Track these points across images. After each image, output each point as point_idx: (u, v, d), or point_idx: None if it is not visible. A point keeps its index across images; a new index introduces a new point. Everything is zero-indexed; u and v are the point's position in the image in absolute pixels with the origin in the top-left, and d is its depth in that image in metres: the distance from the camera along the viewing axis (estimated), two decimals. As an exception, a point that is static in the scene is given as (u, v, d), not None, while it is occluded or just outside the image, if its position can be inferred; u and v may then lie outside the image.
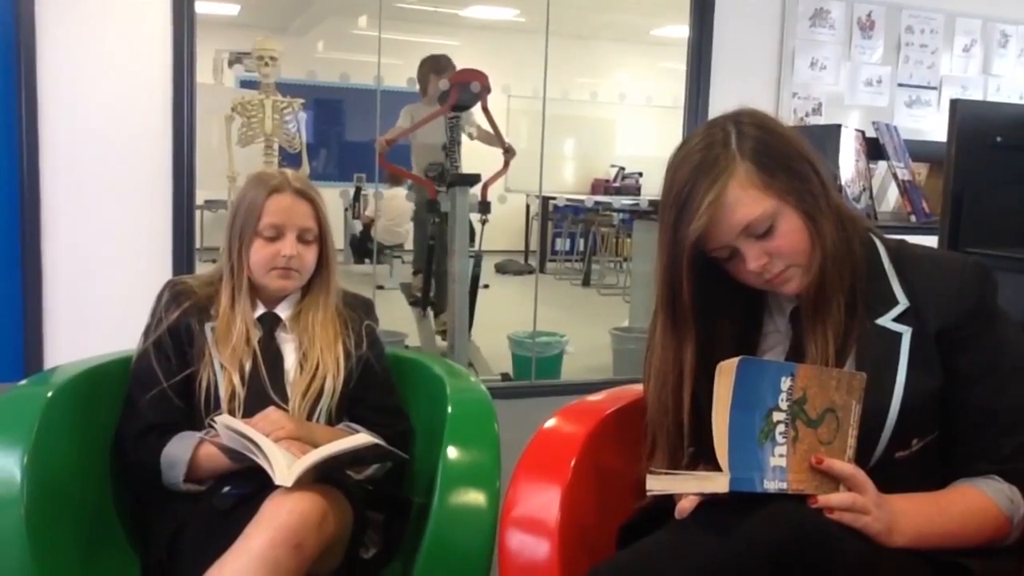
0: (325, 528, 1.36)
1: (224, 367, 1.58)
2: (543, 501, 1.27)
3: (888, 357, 1.15)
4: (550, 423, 1.40)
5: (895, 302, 1.18)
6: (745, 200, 1.12)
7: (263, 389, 1.59)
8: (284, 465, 1.36)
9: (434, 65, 3.85)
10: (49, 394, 1.48)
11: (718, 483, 1.03)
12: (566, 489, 1.26)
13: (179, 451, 1.52)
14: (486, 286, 4.03)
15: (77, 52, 2.61)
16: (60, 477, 1.44)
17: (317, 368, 1.63)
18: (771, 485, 1.04)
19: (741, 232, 1.14)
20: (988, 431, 1.15)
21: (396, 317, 4.08)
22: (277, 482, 1.34)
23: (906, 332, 1.16)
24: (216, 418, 1.46)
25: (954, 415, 1.17)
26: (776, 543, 0.98)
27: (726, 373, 1.05)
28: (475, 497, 1.44)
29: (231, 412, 1.54)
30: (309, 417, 1.61)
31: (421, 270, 4.12)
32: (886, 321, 1.17)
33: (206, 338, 1.61)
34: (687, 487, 1.08)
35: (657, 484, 1.09)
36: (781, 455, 1.06)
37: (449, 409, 1.58)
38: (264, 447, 1.38)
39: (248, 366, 1.61)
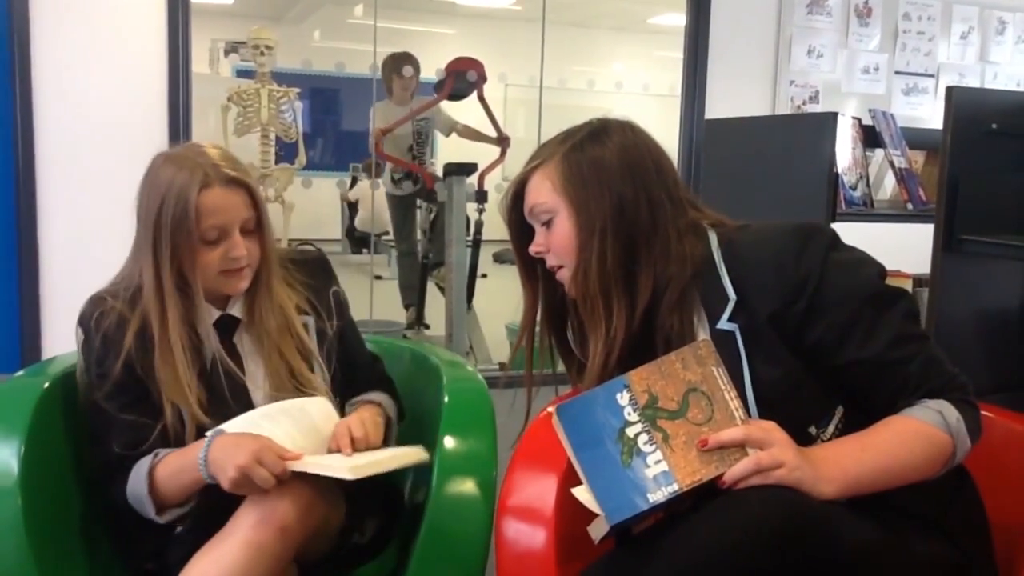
0: (313, 513, 1.34)
1: (174, 404, 1.40)
2: (539, 490, 1.28)
3: (732, 359, 1.14)
4: (551, 409, 1.40)
5: (727, 299, 1.17)
6: (537, 187, 1.26)
7: (227, 407, 1.44)
8: (340, 465, 1.32)
9: (394, 65, 3.85)
10: (46, 385, 1.48)
11: (603, 522, 1.04)
12: (562, 478, 1.27)
13: (137, 487, 1.37)
14: (484, 275, 4.03)
15: (72, 43, 2.60)
16: (57, 467, 1.44)
17: (289, 378, 1.49)
18: (657, 495, 1.03)
19: (531, 212, 1.28)
20: (886, 375, 1.13)
21: (395, 308, 4.08)
22: (344, 476, 1.30)
23: (735, 329, 1.16)
24: (291, 467, 1.31)
25: (848, 381, 1.15)
26: (773, 535, 0.98)
27: (555, 428, 1.08)
28: (471, 486, 1.44)
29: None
30: None
31: (413, 304, 4.07)
32: (723, 323, 1.17)
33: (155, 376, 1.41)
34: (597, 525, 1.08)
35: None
36: (658, 461, 1.05)
37: (446, 398, 1.58)
38: (314, 468, 1.33)
39: (203, 392, 1.42)
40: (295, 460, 1.32)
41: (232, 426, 1.37)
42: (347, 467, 1.31)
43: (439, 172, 3.96)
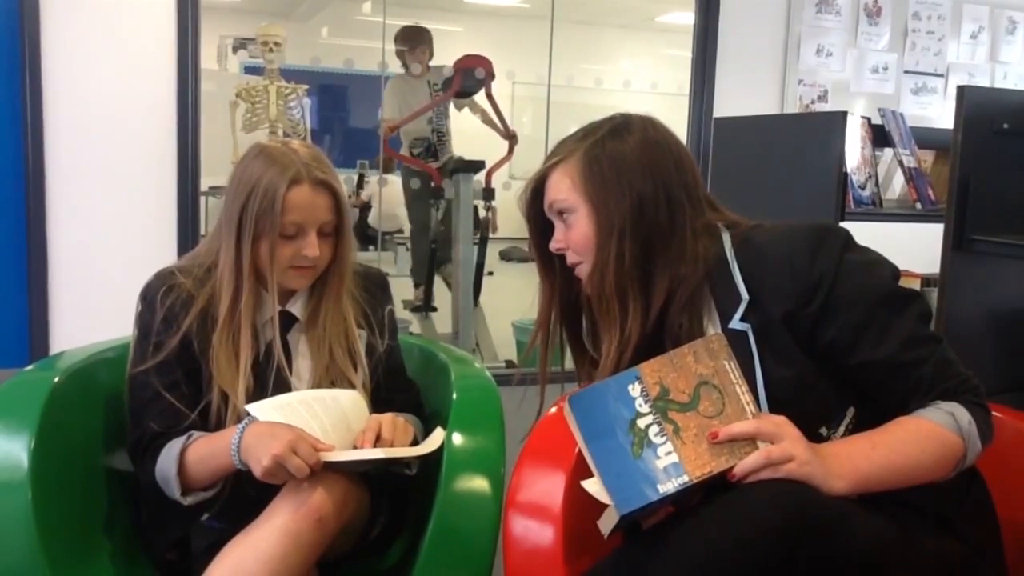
0: (348, 506, 1.36)
1: (225, 391, 1.43)
2: (547, 487, 1.28)
3: (744, 359, 1.14)
4: (554, 409, 1.40)
5: (740, 298, 1.16)
6: (557, 184, 1.26)
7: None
8: (371, 449, 1.35)
9: (404, 38, 3.79)
10: (55, 379, 1.48)
11: (612, 514, 1.04)
12: (570, 475, 1.27)
13: (167, 465, 1.39)
14: (490, 273, 4.03)
15: (81, 39, 2.60)
16: (66, 462, 1.45)
17: (335, 383, 1.51)
18: (667, 487, 1.03)
19: (551, 208, 1.28)
20: (899, 376, 1.12)
21: (400, 305, 4.08)
22: (376, 456, 1.34)
23: (748, 329, 1.15)
24: (324, 458, 1.32)
25: (860, 382, 1.14)
26: (783, 529, 0.97)
27: (567, 418, 1.08)
28: (480, 483, 1.45)
29: None
30: None
31: (422, 283, 4.05)
32: (735, 323, 1.16)
33: (211, 356, 1.44)
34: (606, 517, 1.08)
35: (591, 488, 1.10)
36: (668, 453, 1.05)
37: (454, 395, 1.59)
38: (347, 455, 1.35)
39: (251, 382, 1.45)
40: (328, 452, 1.33)
41: (267, 405, 1.38)
42: (380, 449, 1.34)
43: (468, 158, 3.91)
